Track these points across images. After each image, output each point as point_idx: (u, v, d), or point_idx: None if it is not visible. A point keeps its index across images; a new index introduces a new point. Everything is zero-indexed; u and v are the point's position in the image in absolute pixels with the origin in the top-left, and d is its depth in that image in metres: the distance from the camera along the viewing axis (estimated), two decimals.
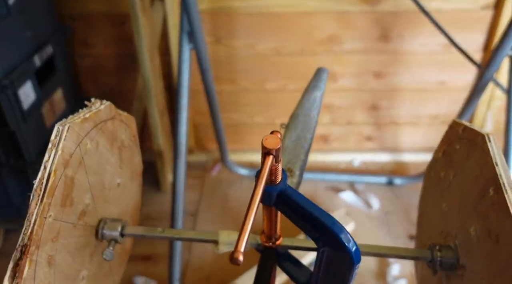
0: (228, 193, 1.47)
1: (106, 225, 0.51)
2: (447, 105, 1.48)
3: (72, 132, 0.46)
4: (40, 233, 0.40)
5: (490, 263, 0.45)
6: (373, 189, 1.44)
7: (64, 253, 0.44)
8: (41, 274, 0.40)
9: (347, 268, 0.38)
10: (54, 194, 0.42)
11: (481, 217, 0.48)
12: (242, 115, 1.55)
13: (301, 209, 0.38)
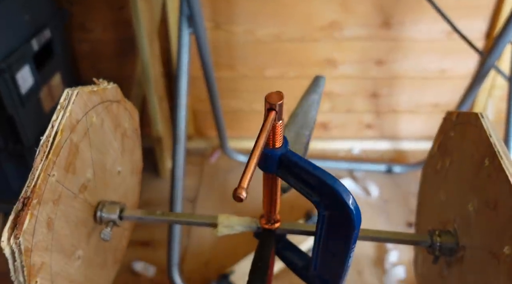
0: (227, 179, 1.47)
1: (105, 207, 0.50)
2: (447, 93, 1.47)
3: (81, 99, 0.47)
4: (43, 189, 0.40)
5: (489, 231, 0.45)
6: (372, 177, 1.44)
7: (63, 222, 0.44)
8: (40, 233, 0.40)
9: (348, 230, 0.39)
10: (59, 154, 0.43)
11: (478, 190, 0.48)
12: (241, 102, 1.54)
13: (303, 171, 0.38)
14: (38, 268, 0.40)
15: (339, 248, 0.41)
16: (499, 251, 0.42)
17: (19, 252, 0.37)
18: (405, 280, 1.10)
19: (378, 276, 1.12)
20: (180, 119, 1.04)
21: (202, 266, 1.17)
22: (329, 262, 0.44)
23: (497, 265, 0.42)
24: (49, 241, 0.41)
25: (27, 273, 0.38)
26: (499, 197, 0.44)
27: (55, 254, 0.42)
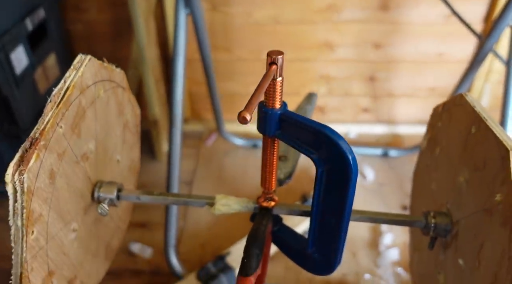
0: (224, 162, 1.47)
1: (103, 186, 0.50)
2: (445, 77, 1.47)
3: (92, 66, 0.48)
4: (50, 135, 0.41)
5: (481, 192, 0.46)
6: (368, 160, 1.44)
7: (64, 182, 0.44)
8: (42, 181, 0.40)
9: (346, 180, 0.40)
10: (68, 109, 0.44)
11: (468, 160, 0.50)
12: (238, 85, 1.53)
13: (304, 126, 0.41)
14: (37, 217, 0.39)
15: (337, 208, 0.42)
16: (491, 203, 0.43)
17: (21, 191, 0.37)
18: (398, 262, 1.11)
19: (372, 258, 1.13)
20: (176, 102, 1.04)
21: (198, 247, 1.18)
22: (327, 232, 0.44)
23: (490, 219, 0.43)
24: (50, 194, 0.41)
25: (26, 217, 0.38)
26: (487, 155, 0.45)
27: (53, 213, 0.42)
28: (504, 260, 0.39)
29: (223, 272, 1.02)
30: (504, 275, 0.39)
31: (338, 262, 0.45)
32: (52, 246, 0.42)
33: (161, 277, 1.10)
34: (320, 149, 0.40)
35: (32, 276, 0.38)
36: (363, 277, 1.07)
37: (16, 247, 0.37)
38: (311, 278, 1.09)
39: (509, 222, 0.40)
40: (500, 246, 0.40)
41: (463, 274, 0.45)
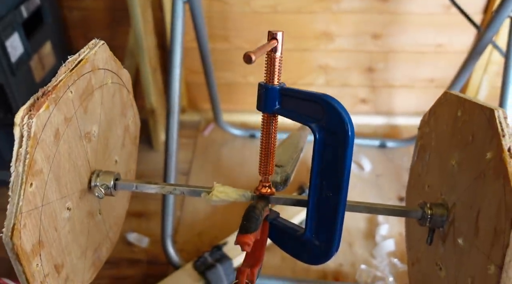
0: (221, 152, 1.47)
1: (100, 176, 0.50)
2: (443, 68, 1.47)
3: (104, 52, 0.50)
4: (61, 93, 0.42)
5: (471, 165, 0.46)
6: (365, 151, 1.44)
7: (66, 150, 0.45)
8: (47, 136, 0.41)
9: (344, 144, 0.42)
10: (80, 78, 0.46)
11: (457, 143, 0.50)
12: (236, 74, 1.52)
13: (302, 97, 0.44)
14: (37, 170, 0.39)
15: (335, 178, 0.43)
16: (482, 167, 0.44)
17: (27, 137, 0.38)
18: (394, 253, 1.12)
19: (368, 248, 1.14)
20: (173, 91, 1.03)
21: (195, 237, 1.18)
22: (325, 209, 0.44)
23: (484, 182, 0.43)
24: (52, 154, 0.42)
25: (28, 164, 0.38)
26: (475, 127, 0.46)
27: (52, 176, 0.42)
28: (501, 210, 0.39)
29: (220, 262, 1.03)
30: (503, 223, 0.38)
31: (337, 246, 0.45)
32: (47, 212, 0.41)
33: (158, 266, 1.10)
34: (319, 116, 0.43)
35: (24, 233, 0.38)
36: (359, 267, 1.08)
37: (13, 195, 0.37)
38: (307, 268, 1.09)
39: (501, 172, 0.40)
40: (496, 200, 0.40)
41: (463, 254, 0.44)
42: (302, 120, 0.44)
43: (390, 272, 1.06)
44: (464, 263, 0.44)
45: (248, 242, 0.36)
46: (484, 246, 0.41)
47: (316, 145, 0.44)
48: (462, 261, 0.44)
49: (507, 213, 0.38)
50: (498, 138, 0.41)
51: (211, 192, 0.45)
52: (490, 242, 0.40)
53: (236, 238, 0.38)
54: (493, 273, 0.39)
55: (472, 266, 0.42)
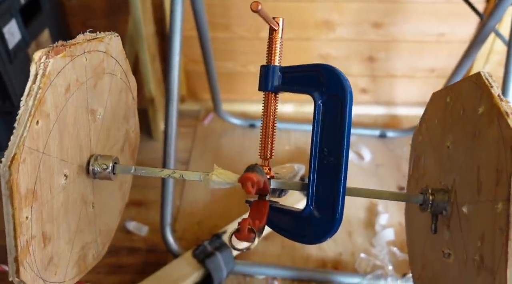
0: (221, 142, 1.47)
1: (99, 159, 0.49)
2: (445, 58, 1.46)
3: (117, 44, 0.52)
4: (76, 53, 0.44)
5: (465, 135, 0.46)
6: (365, 141, 1.44)
7: (72, 112, 0.45)
8: (59, 85, 0.42)
9: (344, 103, 0.44)
10: (94, 51, 0.47)
11: (449, 126, 0.50)
12: (236, 64, 1.51)
13: (302, 70, 0.47)
14: (44, 112, 0.40)
15: (335, 141, 0.44)
16: (475, 129, 0.44)
17: (42, 74, 0.39)
18: (393, 242, 1.12)
19: (368, 237, 1.14)
20: (173, 78, 1.02)
21: (194, 226, 1.18)
22: (327, 177, 0.44)
23: (478, 141, 0.43)
24: (60, 106, 0.43)
25: (38, 100, 0.39)
26: (464, 101, 0.46)
27: (56, 128, 0.43)
28: (500, 147, 0.39)
29: (219, 250, 1.03)
30: (503, 158, 0.38)
31: (340, 217, 0.44)
32: (46, 164, 0.41)
33: (157, 254, 1.10)
34: (319, 84, 0.46)
35: (22, 169, 0.37)
36: (359, 256, 1.08)
37: (18, 127, 0.38)
38: (306, 257, 1.09)
39: (495, 114, 0.40)
40: (494, 143, 0.40)
41: (470, 220, 0.43)
42: (303, 90, 0.47)
43: (389, 261, 1.06)
44: (472, 227, 0.43)
45: (252, 179, 0.35)
46: (488, 193, 0.40)
47: (317, 112, 0.46)
48: (469, 227, 0.43)
49: (506, 144, 0.38)
50: (488, 90, 0.42)
51: (209, 177, 0.44)
52: (494, 185, 0.39)
53: (240, 176, 0.37)
54: (501, 210, 0.37)
55: (480, 223, 0.41)
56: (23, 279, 0.37)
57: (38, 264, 0.40)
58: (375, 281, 1.01)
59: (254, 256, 1.09)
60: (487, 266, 0.39)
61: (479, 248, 0.40)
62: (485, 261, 0.39)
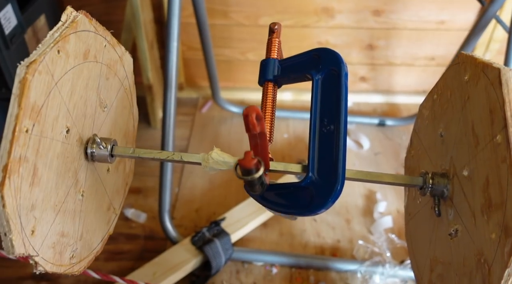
0: (219, 130, 1.46)
1: (96, 141, 0.49)
2: (444, 46, 1.45)
3: (130, 60, 0.57)
4: (102, 33, 0.50)
5: (454, 114, 0.48)
6: (364, 129, 1.44)
7: (84, 79, 0.48)
8: (78, 44, 0.46)
9: (339, 78, 0.48)
10: (113, 47, 0.52)
11: (439, 116, 0.52)
12: (235, 51, 1.50)
13: (298, 57, 0.51)
14: (65, 55, 0.44)
15: (334, 110, 0.46)
16: (463, 92, 0.46)
17: (71, 20, 0.45)
18: (392, 229, 1.12)
19: (366, 225, 1.14)
20: (171, 64, 1.01)
21: (192, 213, 1.18)
22: (327, 143, 0.45)
23: (468, 102, 0.45)
24: (77, 61, 0.46)
25: (63, 35, 0.44)
26: (449, 85, 0.49)
27: (69, 78, 0.45)
28: (490, 96, 0.41)
29: (217, 237, 1.03)
30: (496, 104, 0.40)
31: (342, 181, 0.43)
32: (55, 96, 0.43)
33: (156, 241, 1.10)
34: (315, 64, 0.49)
35: (36, 78, 0.39)
36: (357, 243, 1.08)
37: (44, 43, 0.42)
38: (305, 244, 1.10)
39: (479, 68, 0.43)
40: (483, 98, 0.42)
41: (473, 184, 0.44)
42: (301, 73, 0.50)
43: (387, 248, 1.06)
44: (475, 182, 0.43)
45: (257, 110, 0.35)
46: (486, 137, 0.42)
47: (315, 88, 0.49)
48: (473, 185, 0.43)
49: (494, 84, 0.40)
50: (470, 58, 0.45)
51: (207, 159, 0.44)
52: (490, 126, 0.41)
53: (244, 109, 0.37)
54: (500, 140, 0.39)
55: (482, 171, 0.42)
56: (4, 194, 0.36)
57: (22, 198, 0.38)
58: (373, 268, 1.01)
59: (252, 243, 1.10)
60: (496, 204, 0.38)
61: (486, 194, 0.40)
62: (493, 202, 0.39)
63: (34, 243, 0.40)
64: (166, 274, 0.96)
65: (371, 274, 1.01)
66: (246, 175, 0.36)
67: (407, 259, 1.02)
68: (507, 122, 0.38)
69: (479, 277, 0.39)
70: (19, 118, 0.37)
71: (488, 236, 0.39)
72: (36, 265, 0.40)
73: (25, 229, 0.39)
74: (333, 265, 1.03)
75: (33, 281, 0.99)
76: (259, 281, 1.02)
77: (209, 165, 0.42)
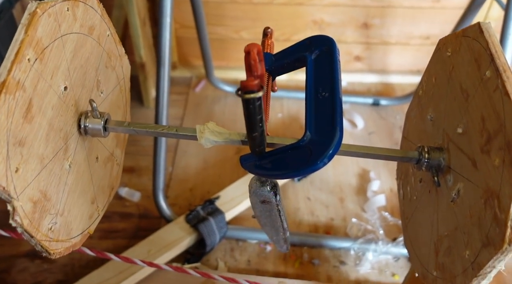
0: (213, 109, 1.45)
1: (90, 115, 0.48)
2: (440, 25, 1.44)
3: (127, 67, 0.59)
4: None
5: (442, 93, 0.50)
6: (358, 109, 1.43)
7: (83, 48, 0.49)
8: (82, 10, 0.48)
9: (332, 54, 0.50)
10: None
11: (427, 102, 0.53)
12: (228, 29, 1.48)
13: (292, 47, 0.54)
14: (71, 12, 0.45)
15: (328, 81, 0.48)
16: (451, 67, 0.48)
17: None
18: (385, 207, 1.13)
19: (359, 203, 1.15)
20: (164, 40, 0.99)
21: (187, 192, 1.18)
22: (324, 107, 0.45)
23: (456, 72, 0.47)
24: (82, 30, 0.48)
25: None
26: (433, 67, 0.52)
27: (72, 39, 0.46)
28: (476, 50, 0.44)
29: (212, 215, 1.03)
30: (480, 50, 0.42)
31: (340, 134, 0.43)
32: (58, 47, 0.44)
33: (150, 220, 1.10)
34: (308, 48, 0.52)
35: (45, 17, 0.41)
36: (350, 221, 1.09)
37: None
38: (299, 222, 1.10)
39: (461, 41, 0.46)
40: (469, 55, 0.45)
41: (468, 135, 0.45)
42: (296, 57, 0.52)
43: (380, 225, 1.07)
44: (471, 130, 0.44)
45: (258, 47, 0.35)
46: (475, 85, 0.44)
47: (309, 66, 0.51)
48: (469, 135, 0.44)
49: (480, 39, 0.43)
50: (451, 35, 0.47)
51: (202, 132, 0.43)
52: (478, 75, 0.43)
53: (245, 46, 0.37)
54: (490, 74, 0.41)
55: (476, 114, 0.43)
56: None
57: (13, 124, 0.38)
58: (366, 245, 1.02)
59: (247, 221, 1.10)
60: (495, 132, 0.40)
61: (483, 132, 0.41)
62: (492, 132, 0.40)
63: (16, 183, 0.38)
64: (160, 252, 0.97)
65: (364, 251, 1.02)
66: (248, 93, 0.35)
67: (399, 236, 1.03)
68: (493, 56, 0.40)
69: (489, 214, 0.38)
70: (24, 44, 0.38)
71: (492, 166, 0.39)
72: (14, 212, 0.38)
73: (10, 160, 0.38)
74: (327, 242, 1.04)
75: (27, 259, 0.99)
76: (254, 259, 1.02)
77: (205, 136, 0.41)
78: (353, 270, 1.00)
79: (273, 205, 0.52)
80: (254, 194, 0.51)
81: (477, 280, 0.39)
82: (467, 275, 0.41)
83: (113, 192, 0.63)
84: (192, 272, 0.91)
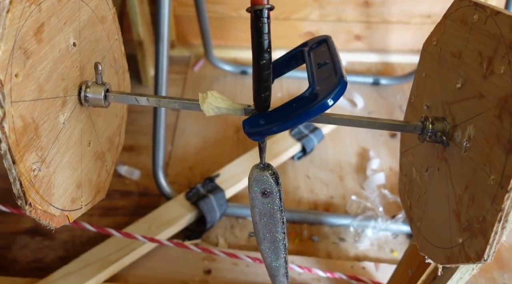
0: (212, 89, 1.43)
1: (89, 87, 0.47)
2: (441, 3, 1.42)
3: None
4: None
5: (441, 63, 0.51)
6: (358, 88, 1.43)
7: (89, 12, 0.49)
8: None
9: (329, 42, 0.51)
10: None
11: (422, 90, 0.52)
12: (227, 7, 1.46)
13: (288, 52, 0.55)
14: None
15: (327, 57, 0.49)
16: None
17: None
18: (384, 185, 1.13)
19: (359, 181, 1.15)
20: (163, 17, 0.98)
21: (186, 170, 1.18)
22: (324, 70, 0.47)
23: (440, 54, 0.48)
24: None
25: None
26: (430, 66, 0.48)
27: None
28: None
29: (212, 193, 1.03)
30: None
31: (345, 80, 0.43)
32: (73, 2, 0.45)
33: (150, 198, 1.10)
34: (305, 44, 0.54)
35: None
36: (350, 198, 1.10)
37: None
38: (298, 200, 1.11)
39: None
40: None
41: (471, 85, 0.45)
42: (293, 51, 0.54)
43: (379, 203, 1.08)
44: (473, 79, 0.45)
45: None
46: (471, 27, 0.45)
47: (307, 55, 0.52)
48: (473, 84, 0.45)
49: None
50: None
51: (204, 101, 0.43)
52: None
53: None
54: (478, 17, 0.43)
55: (478, 50, 0.44)
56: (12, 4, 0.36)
57: (22, 31, 0.38)
58: (366, 222, 1.03)
59: (246, 199, 1.10)
60: (493, 52, 0.40)
61: (484, 61, 0.42)
62: (491, 55, 0.41)
63: (13, 87, 0.37)
64: (161, 228, 0.97)
65: (363, 228, 1.03)
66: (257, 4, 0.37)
67: (398, 214, 1.04)
68: (477, 2, 0.43)
69: (507, 122, 0.38)
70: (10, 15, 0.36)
71: (499, 78, 0.39)
72: (3, 118, 0.36)
73: (13, 60, 0.37)
74: (326, 219, 1.04)
75: (28, 235, 1.00)
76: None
77: (207, 101, 0.41)
78: (353, 247, 1.01)
79: (274, 197, 0.50)
80: (255, 182, 0.49)
81: (508, 194, 0.37)
82: (497, 200, 0.38)
83: (99, 196, 0.58)
84: (193, 247, 0.91)
